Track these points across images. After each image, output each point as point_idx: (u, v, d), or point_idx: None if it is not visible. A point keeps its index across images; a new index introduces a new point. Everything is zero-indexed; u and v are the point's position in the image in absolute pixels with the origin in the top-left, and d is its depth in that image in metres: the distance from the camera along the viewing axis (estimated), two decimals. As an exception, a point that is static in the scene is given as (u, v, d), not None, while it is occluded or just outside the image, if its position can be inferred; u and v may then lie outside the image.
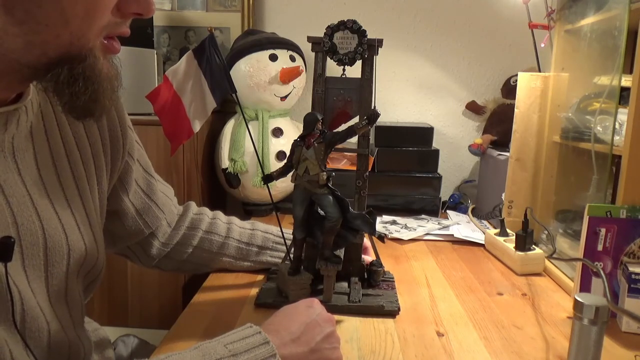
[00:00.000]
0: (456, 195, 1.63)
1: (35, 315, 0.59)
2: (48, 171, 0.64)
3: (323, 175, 0.81)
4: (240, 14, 1.68)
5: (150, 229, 0.89)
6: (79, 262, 0.67)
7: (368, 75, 0.91)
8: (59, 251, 0.63)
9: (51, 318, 0.62)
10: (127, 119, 0.79)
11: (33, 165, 0.62)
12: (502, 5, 1.60)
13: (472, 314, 0.87)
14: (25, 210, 0.59)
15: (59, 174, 0.66)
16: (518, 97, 1.24)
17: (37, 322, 0.59)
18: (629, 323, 0.83)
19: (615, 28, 0.94)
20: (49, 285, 0.62)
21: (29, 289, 0.59)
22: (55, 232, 0.62)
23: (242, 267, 1.00)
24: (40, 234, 0.60)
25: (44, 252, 0.61)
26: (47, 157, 0.64)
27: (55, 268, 0.63)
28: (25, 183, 0.60)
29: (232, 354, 0.58)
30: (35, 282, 0.60)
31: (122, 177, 0.81)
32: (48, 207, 0.63)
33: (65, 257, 0.64)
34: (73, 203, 0.67)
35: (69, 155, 0.68)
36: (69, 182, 0.67)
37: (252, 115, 1.47)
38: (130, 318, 1.42)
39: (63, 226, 0.64)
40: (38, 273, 0.61)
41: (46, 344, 0.61)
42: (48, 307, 0.62)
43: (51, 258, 0.62)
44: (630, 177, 0.85)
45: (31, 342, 0.59)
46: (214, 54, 0.84)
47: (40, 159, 0.63)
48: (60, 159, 0.66)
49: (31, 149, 0.62)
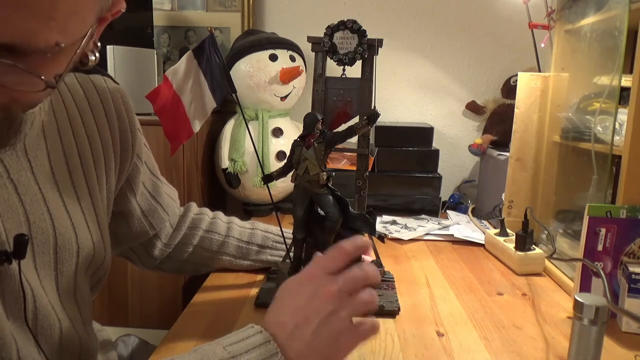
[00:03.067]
0: (456, 195, 1.63)
1: (46, 312, 0.60)
2: (60, 169, 0.64)
3: (323, 175, 0.81)
4: (240, 14, 1.68)
5: (155, 230, 0.89)
6: (87, 261, 0.67)
7: (368, 75, 0.91)
8: (68, 249, 0.63)
9: (62, 316, 0.63)
10: (136, 122, 0.79)
11: (46, 163, 0.62)
12: (502, 5, 1.60)
13: (472, 314, 0.87)
14: (37, 208, 0.59)
15: (70, 171, 0.66)
16: (518, 97, 1.24)
17: (48, 319, 0.60)
18: (629, 323, 0.83)
19: (615, 28, 0.94)
20: (59, 283, 0.63)
21: (40, 287, 0.60)
22: (65, 230, 0.63)
23: (242, 266, 1.00)
24: (51, 232, 0.61)
25: (54, 250, 0.62)
26: (59, 154, 0.64)
27: (65, 266, 0.63)
28: (37, 181, 0.60)
29: (231, 355, 0.58)
30: (45, 279, 0.61)
31: (130, 178, 0.81)
32: (59, 204, 0.63)
33: (75, 255, 0.64)
34: (83, 201, 0.67)
35: (81, 153, 0.68)
36: (80, 179, 0.67)
37: (252, 115, 1.47)
38: (131, 318, 1.42)
39: (73, 224, 0.64)
40: (48, 271, 0.61)
41: (57, 341, 0.62)
42: (58, 304, 0.63)
43: (61, 256, 0.62)
44: (630, 177, 0.85)
45: (42, 339, 0.59)
46: (214, 54, 0.84)
47: (53, 157, 0.63)
48: (73, 157, 0.66)
49: (44, 147, 0.62)
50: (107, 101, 0.73)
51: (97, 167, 0.70)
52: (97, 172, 0.70)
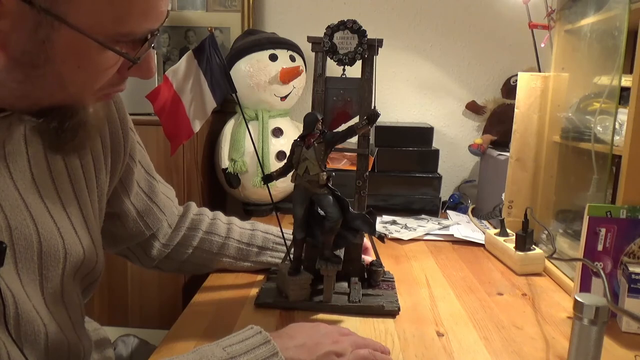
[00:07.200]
0: (456, 195, 1.63)
1: (30, 318, 0.59)
2: (42, 174, 0.63)
3: (323, 175, 0.81)
4: (240, 14, 1.68)
5: (151, 230, 0.89)
6: (76, 265, 0.67)
7: (368, 75, 0.91)
8: (54, 255, 0.62)
9: (48, 320, 0.62)
10: (128, 121, 0.78)
11: (26, 169, 0.61)
12: (502, 6, 1.60)
13: (472, 314, 0.87)
14: (18, 214, 0.59)
15: (54, 177, 0.65)
16: (518, 97, 1.24)
17: (32, 325, 0.59)
18: (629, 323, 0.83)
19: (615, 28, 0.94)
20: (44, 288, 0.62)
21: (23, 293, 0.59)
22: (50, 236, 0.62)
23: (242, 267, 1.00)
24: (35, 238, 0.60)
25: (39, 255, 0.61)
26: (41, 160, 0.63)
27: (50, 271, 0.62)
28: (18, 187, 0.59)
29: (230, 356, 0.58)
30: (29, 285, 0.60)
31: (123, 179, 0.80)
32: (43, 211, 0.62)
33: (62, 260, 0.64)
34: (69, 206, 0.67)
35: (66, 158, 0.67)
36: (64, 184, 0.66)
37: (252, 115, 1.47)
38: (130, 318, 1.42)
39: (59, 230, 0.64)
40: (32, 276, 0.60)
41: (43, 347, 0.61)
42: (44, 309, 0.62)
43: (46, 261, 0.62)
44: (630, 177, 0.85)
45: (27, 345, 0.59)
46: (214, 54, 0.84)
47: (34, 163, 0.62)
48: (56, 162, 0.65)
49: (24, 152, 0.61)
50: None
51: (85, 170, 0.70)
52: (85, 175, 0.70)
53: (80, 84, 0.54)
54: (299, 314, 0.85)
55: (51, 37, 0.49)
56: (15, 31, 0.48)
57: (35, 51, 0.49)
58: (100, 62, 0.53)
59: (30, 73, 0.50)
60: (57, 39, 0.49)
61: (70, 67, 0.51)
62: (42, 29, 0.48)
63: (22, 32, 0.48)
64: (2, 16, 0.46)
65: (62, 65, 0.51)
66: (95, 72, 0.53)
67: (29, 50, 0.49)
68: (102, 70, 0.54)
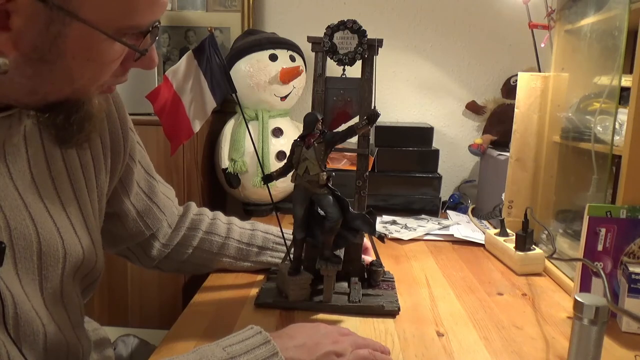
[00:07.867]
0: (456, 195, 1.63)
1: (29, 318, 0.59)
2: (42, 174, 0.63)
3: (323, 175, 0.81)
4: (240, 14, 1.68)
5: (151, 230, 0.89)
6: (76, 265, 0.67)
7: (368, 75, 0.91)
8: (53, 255, 0.62)
9: (47, 321, 0.62)
10: (128, 121, 0.78)
11: (26, 169, 0.61)
12: (502, 6, 1.60)
13: (472, 314, 0.87)
14: (18, 214, 0.59)
15: (53, 177, 0.65)
16: (518, 97, 1.24)
17: (31, 325, 0.59)
18: (629, 323, 0.83)
19: (615, 28, 0.94)
20: (44, 288, 0.62)
21: (22, 293, 0.59)
22: (50, 236, 0.62)
23: (242, 267, 1.00)
24: (34, 238, 0.60)
25: (38, 255, 0.61)
26: (41, 160, 0.64)
27: (50, 272, 0.62)
28: (17, 187, 0.60)
29: (230, 356, 0.58)
30: (28, 285, 0.60)
31: (123, 179, 0.80)
32: (42, 211, 0.62)
33: (61, 260, 0.64)
34: (69, 206, 0.67)
35: (65, 157, 0.67)
36: (64, 185, 0.67)
37: (252, 115, 1.47)
38: (130, 318, 1.42)
39: (58, 230, 0.64)
40: (32, 276, 0.60)
41: (42, 347, 0.61)
42: (43, 310, 0.62)
43: (45, 261, 0.62)
44: (630, 177, 0.85)
45: (26, 345, 0.59)
46: (214, 54, 0.84)
47: (33, 163, 0.62)
48: (55, 162, 0.65)
49: (24, 153, 0.61)
50: None
51: (84, 170, 0.70)
52: (84, 175, 0.70)
53: (88, 77, 0.55)
54: (299, 314, 0.85)
55: (63, 33, 0.49)
56: (28, 28, 0.48)
57: (47, 47, 0.50)
58: (109, 55, 0.54)
59: (40, 68, 0.51)
60: (69, 34, 0.50)
61: (79, 61, 0.52)
62: (54, 25, 0.49)
63: (34, 29, 0.48)
64: (15, 14, 0.47)
65: (72, 60, 0.51)
66: (102, 65, 0.54)
67: (40, 46, 0.49)
68: (108, 62, 0.55)
